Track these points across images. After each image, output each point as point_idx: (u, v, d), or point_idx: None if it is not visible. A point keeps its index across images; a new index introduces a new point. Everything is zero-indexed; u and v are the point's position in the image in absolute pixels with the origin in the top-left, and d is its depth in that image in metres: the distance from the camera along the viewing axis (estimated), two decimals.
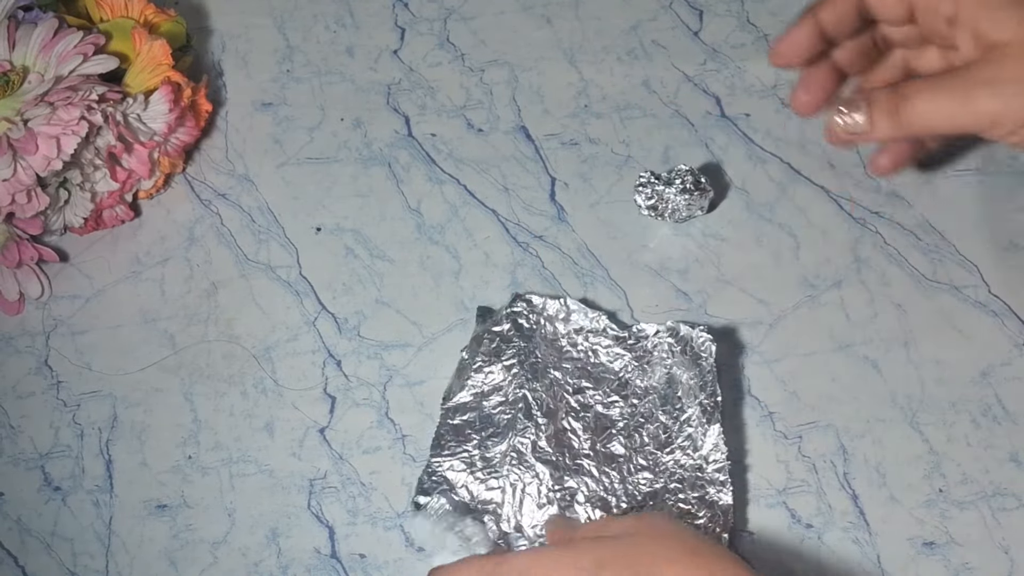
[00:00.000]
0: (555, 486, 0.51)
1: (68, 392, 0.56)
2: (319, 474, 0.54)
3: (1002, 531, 0.51)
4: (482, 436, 0.52)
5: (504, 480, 0.51)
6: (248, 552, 0.52)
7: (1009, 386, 0.54)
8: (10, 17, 0.57)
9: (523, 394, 0.53)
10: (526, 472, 0.51)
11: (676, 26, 0.66)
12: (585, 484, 0.51)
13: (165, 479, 0.54)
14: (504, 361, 0.54)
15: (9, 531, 0.53)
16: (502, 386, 0.53)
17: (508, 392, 0.53)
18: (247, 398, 0.56)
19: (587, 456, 0.52)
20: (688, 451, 0.52)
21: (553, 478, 0.51)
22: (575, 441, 0.52)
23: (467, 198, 0.61)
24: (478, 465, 0.52)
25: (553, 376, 0.53)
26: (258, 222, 0.60)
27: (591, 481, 0.51)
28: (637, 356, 0.54)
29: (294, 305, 0.58)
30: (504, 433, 0.52)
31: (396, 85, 0.65)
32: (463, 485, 0.51)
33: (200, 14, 0.67)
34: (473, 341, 0.55)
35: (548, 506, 0.50)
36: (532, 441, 0.52)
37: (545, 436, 0.52)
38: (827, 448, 0.53)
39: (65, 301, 0.59)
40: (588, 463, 0.51)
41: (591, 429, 0.52)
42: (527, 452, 0.51)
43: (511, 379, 0.53)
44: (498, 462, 0.52)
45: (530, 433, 0.52)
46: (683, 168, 0.58)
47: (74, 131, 0.54)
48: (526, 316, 0.55)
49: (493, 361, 0.54)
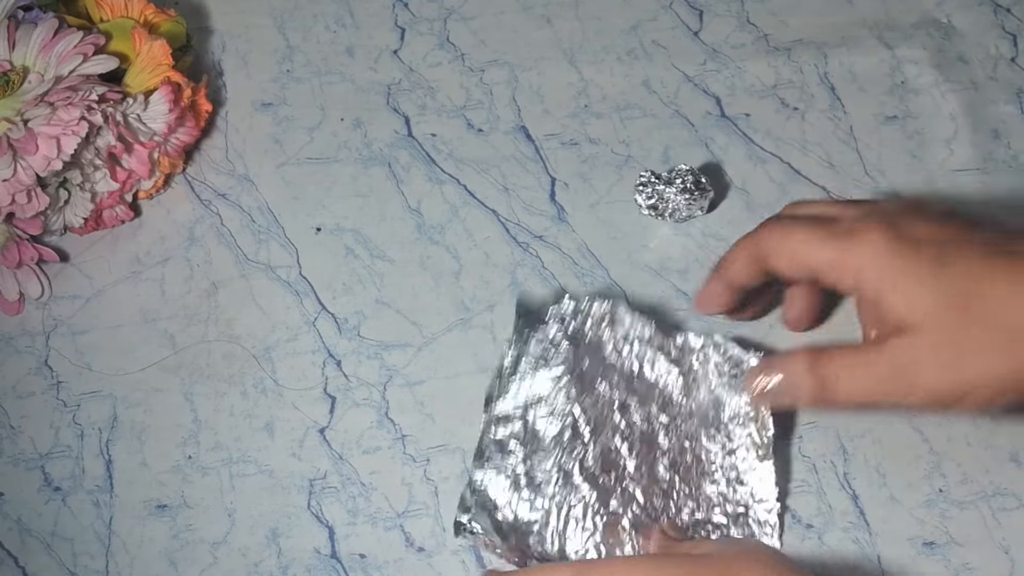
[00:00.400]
0: (600, 508, 0.50)
1: (68, 392, 0.56)
2: (319, 474, 0.54)
3: (1002, 531, 0.51)
4: (527, 451, 0.51)
5: (550, 501, 0.50)
6: (248, 552, 0.52)
7: None
8: (10, 17, 0.57)
9: (570, 409, 0.52)
10: (572, 493, 0.50)
11: (676, 26, 0.66)
12: (630, 509, 0.50)
13: (165, 479, 0.54)
14: (552, 370, 0.52)
15: (9, 531, 0.53)
16: (548, 397, 0.52)
17: (555, 405, 0.52)
18: (247, 398, 0.56)
19: (632, 479, 0.51)
20: (734, 484, 0.51)
21: (599, 500, 0.50)
22: (620, 461, 0.51)
23: (467, 198, 0.61)
24: (522, 483, 0.50)
25: (600, 390, 0.52)
26: (258, 222, 0.60)
27: (635, 506, 0.50)
28: (683, 371, 0.53)
29: (294, 305, 0.58)
30: (550, 450, 0.51)
31: (396, 85, 0.65)
32: (507, 504, 0.50)
33: (200, 14, 0.67)
34: (517, 341, 0.54)
35: (594, 531, 0.49)
36: (579, 460, 0.50)
37: (592, 455, 0.51)
38: (827, 448, 0.53)
39: (65, 301, 0.59)
40: (633, 486, 0.50)
41: (636, 450, 0.51)
42: (573, 472, 0.50)
43: (558, 391, 0.52)
44: (543, 481, 0.50)
45: (577, 451, 0.51)
46: (683, 168, 0.58)
47: (74, 131, 0.54)
48: (573, 318, 0.54)
49: (540, 367, 0.53)
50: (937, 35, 0.65)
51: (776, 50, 0.65)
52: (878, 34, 0.65)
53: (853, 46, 0.65)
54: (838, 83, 0.64)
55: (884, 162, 0.61)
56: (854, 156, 0.61)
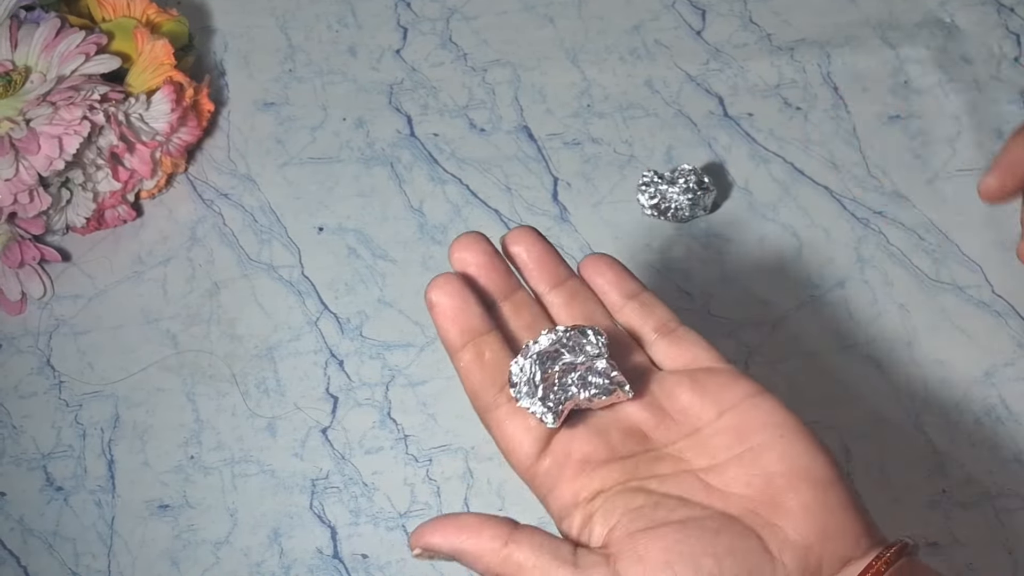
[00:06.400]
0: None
1: (70, 392, 0.56)
2: (321, 474, 0.54)
3: (1006, 532, 0.51)
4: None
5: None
6: (250, 552, 0.52)
7: (1012, 386, 0.54)
8: (12, 17, 0.57)
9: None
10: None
11: (679, 26, 0.66)
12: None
13: (167, 479, 0.54)
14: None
15: (11, 531, 0.53)
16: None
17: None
18: (249, 398, 0.56)
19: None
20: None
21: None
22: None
23: (469, 198, 0.61)
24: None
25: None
26: (260, 222, 0.60)
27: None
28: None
29: (296, 305, 0.58)
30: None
31: (398, 85, 0.64)
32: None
33: (202, 14, 0.67)
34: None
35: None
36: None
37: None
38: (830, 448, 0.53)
39: (67, 301, 0.59)
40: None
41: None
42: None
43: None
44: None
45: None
46: (686, 168, 0.58)
47: (76, 131, 0.54)
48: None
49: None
50: (940, 35, 0.65)
51: (779, 50, 0.65)
52: (881, 34, 0.65)
53: (856, 46, 0.64)
54: (841, 83, 0.63)
55: (887, 162, 0.61)
56: (857, 156, 0.61)
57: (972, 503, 0.52)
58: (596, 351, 0.42)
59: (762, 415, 0.41)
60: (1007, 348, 0.55)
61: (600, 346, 0.42)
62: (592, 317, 0.45)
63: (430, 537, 0.40)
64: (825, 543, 0.38)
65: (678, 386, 0.42)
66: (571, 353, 0.42)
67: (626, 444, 0.41)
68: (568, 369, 0.41)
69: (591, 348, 0.42)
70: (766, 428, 0.41)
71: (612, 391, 0.41)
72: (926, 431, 0.54)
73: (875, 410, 0.54)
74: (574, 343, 0.42)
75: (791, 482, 0.39)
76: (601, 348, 0.42)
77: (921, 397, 0.54)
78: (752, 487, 0.40)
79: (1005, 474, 0.52)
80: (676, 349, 0.44)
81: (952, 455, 0.53)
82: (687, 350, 0.44)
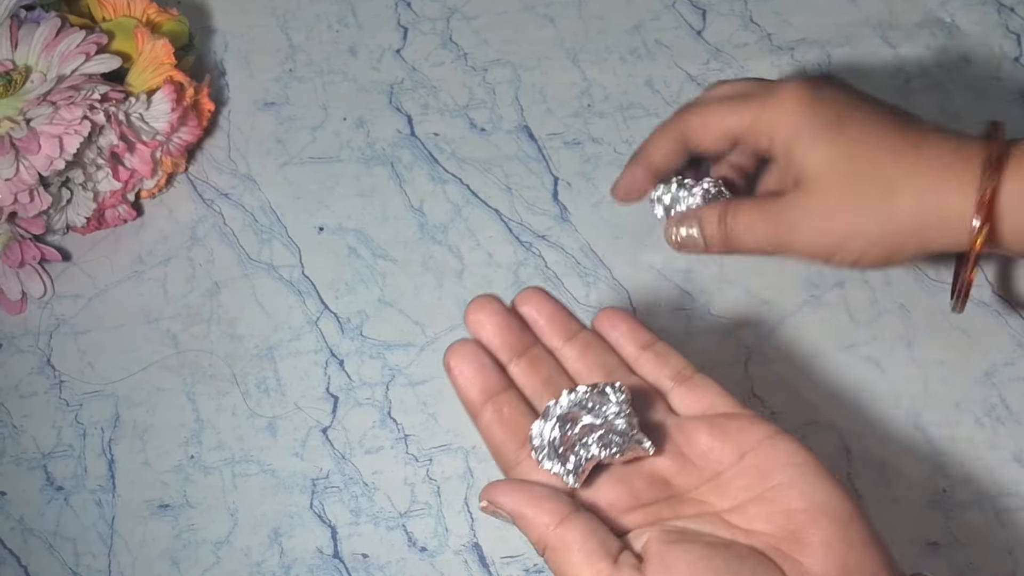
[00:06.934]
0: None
1: (70, 392, 0.56)
2: (321, 474, 0.54)
3: (1006, 532, 0.51)
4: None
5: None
6: (251, 552, 0.52)
7: (1013, 386, 0.54)
8: (13, 16, 0.57)
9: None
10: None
11: (679, 25, 0.66)
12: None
13: (167, 479, 0.54)
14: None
15: (11, 531, 0.53)
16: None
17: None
18: (249, 398, 0.56)
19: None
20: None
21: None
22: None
23: (470, 198, 0.61)
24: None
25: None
26: (260, 222, 0.60)
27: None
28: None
29: (296, 305, 0.58)
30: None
31: (399, 84, 0.64)
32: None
33: (202, 13, 0.67)
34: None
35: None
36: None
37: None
38: (830, 448, 0.53)
39: (67, 300, 0.59)
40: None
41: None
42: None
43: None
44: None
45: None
46: (710, 180, 0.55)
47: (76, 130, 0.54)
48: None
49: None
50: (941, 34, 0.65)
51: (779, 49, 0.65)
52: (881, 33, 0.65)
53: (856, 45, 0.64)
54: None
55: None
56: None
57: (972, 503, 0.52)
58: (617, 409, 0.43)
59: (782, 455, 0.42)
60: (1008, 348, 0.55)
61: (620, 403, 0.43)
62: (607, 366, 0.46)
63: (497, 496, 0.42)
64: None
65: (697, 432, 0.43)
66: (591, 414, 0.43)
67: (649, 491, 0.43)
68: (588, 431, 0.42)
69: (612, 407, 0.43)
70: (786, 467, 0.42)
71: (633, 449, 0.42)
72: (926, 431, 0.54)
73: (875, 410, 0.54)
74: (594, 403, 0.43)
75: (812, 518, 0.40)
76: (622, 405, 0.43)
77: (921, 397, 0.54)
78: (774, 524, 0.41)
79: (1006, 474, 0.52)
80: (693, 395, 0.45)
81: (952, 455, 0.53)
82: (704, 396, 0.45)
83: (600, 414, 0.42)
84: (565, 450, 0.42)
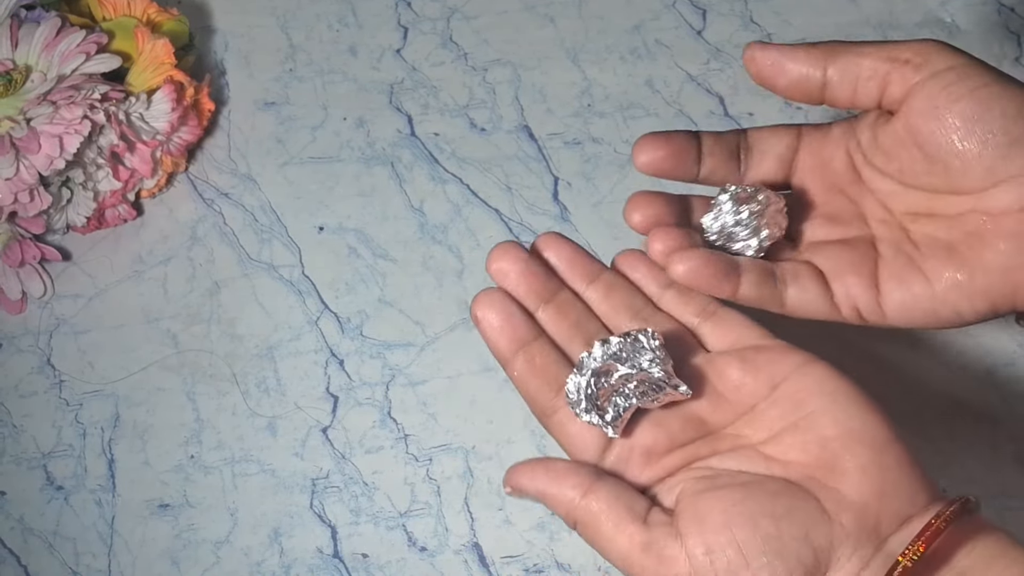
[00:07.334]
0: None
1: (70, 391, 0.56)
2: (321, 474, 0.54)
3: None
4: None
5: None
6: (250, 552, 0.52)
7: (1013, 386, 0.54)
8: (13, 16, 0.57)
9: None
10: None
11: (679, 25, 0.66)
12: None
13: (167, 478, 0.54)
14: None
15: (11, 530, 0.53)
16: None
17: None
18: (249, 397, 0.56)
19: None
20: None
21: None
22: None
23: (470, 197, 0.61)
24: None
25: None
26: (260, 221, 0.60)
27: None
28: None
29: (296, 305, 0.58)
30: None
31: (399, 84, 0.64)
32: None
33: (203, 13, 0.67)
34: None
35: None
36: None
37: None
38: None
39: (67, 300, 0.59)
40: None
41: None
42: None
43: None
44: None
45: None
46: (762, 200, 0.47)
47: (77, 130, 0.54)
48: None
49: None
50: (941, 35, 0.65)
51: None
52: (882, 33, 0.65)
53: None
54: None
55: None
56: None
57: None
58: (651, 356, 0.42)
59: (813, 383, 0.42)
60: (1008, 348, 0.55)
61: (655, 349, 0.43)
62: (633, 307, 0.46)
63: (519, 478, 0.42)
64: (882, 502, 0.39)
65: (728, 366, 0.44)
66: (625, 364, 0.43)
67: (685, 431, 0.43)
68: (624, 380, 0.42)
69: (646, 354, 0.42)
70: (819, 395, 0.41)
71: (669, 394, 0.42)
72: (927, 431, 0.53)
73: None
74: (628, 352, 0.43)
75: (846, 444, 0.40)
76: (656, 352, 0.43)
77: (921, 397, 0.54)
78: (808, 453, 0.40)
79: (1006, 474, 0.52)
80: (720, 330, 0.45)
81: (952, 455, 0.53)
82: (731, 330, 0.45)
83: (635, 363, 0.42)
84: (603, 402, 0.42)
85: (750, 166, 0.48)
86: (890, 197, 0.46)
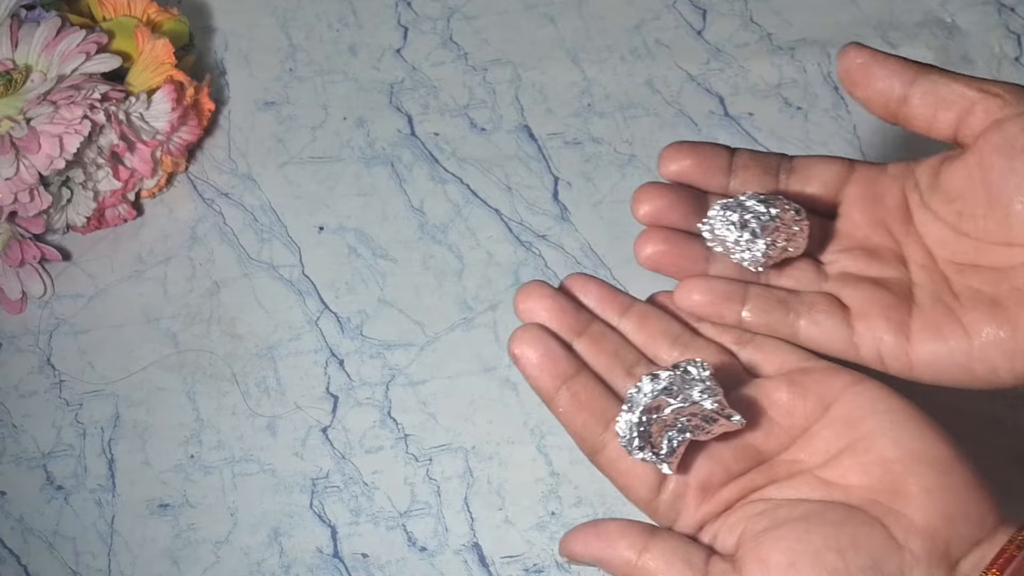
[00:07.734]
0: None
1: (70, 391, 0.56)
2: (321, 473, 0.54)
3: None
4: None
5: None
6: (250, 551, 0.52)
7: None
8: (13, 16, 0.57)
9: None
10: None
11: (679, 25, 0.66)
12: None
13: (167, 478, 0.54)
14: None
15: (11, 530, 0.53)
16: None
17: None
18: (249, 397, 0.56)
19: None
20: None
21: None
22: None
23: (470, 197, 0.61)
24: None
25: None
26: (261, 221, 0.60)
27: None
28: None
29: (296, 304, 0.58)
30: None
31: (399, 84, 0.64)
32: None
33: (203, 13, 0.67)
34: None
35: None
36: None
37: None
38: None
39: (67, 300, 0.59)
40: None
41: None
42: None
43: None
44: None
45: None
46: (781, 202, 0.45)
47: (77, 130, 0.54)
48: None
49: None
50: (941, 34, 0.65)
51: (780, 49, 0.65)
52: (882, 33, 0.65)
53: None
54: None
55: (887, 160, 0.61)
56: (857, 156, 0.61)
57: None
58: (702, 387, 0.41)
59: (867, 403, 0.41)
60: None
61: (705, 380, 0.41)
62: (670, 333, 0.45)
63: (572, 546, 0.41)
64: (952, 526, 0.38)
65: (777, 391, 0.42)
66: (677, 398, 0.41)
67: (740, 462, 0.42)
68: (676, 415, 0.41)
69: (697, 386, 0.41)
70: (874, 415, 0.40)
71: (723, 425, 0.41)
72: None
73: None
74: (678, 385, 0.41)
75: (909, 466, 0.39)
76: (707, 382, 0.41)
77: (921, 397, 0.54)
78: (870, 476, 0.39)
79: (1004, 474, 0.52)
80: (761, 355, 0.44)
81: None
82: (773, 354, 0.43)
83: (687, 396, 0.41)
84: (656, 438, 0.41)
85: (791, 184, 0.46)
86: (938, 244, 0.44)
